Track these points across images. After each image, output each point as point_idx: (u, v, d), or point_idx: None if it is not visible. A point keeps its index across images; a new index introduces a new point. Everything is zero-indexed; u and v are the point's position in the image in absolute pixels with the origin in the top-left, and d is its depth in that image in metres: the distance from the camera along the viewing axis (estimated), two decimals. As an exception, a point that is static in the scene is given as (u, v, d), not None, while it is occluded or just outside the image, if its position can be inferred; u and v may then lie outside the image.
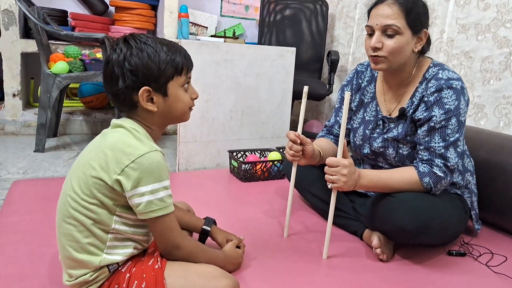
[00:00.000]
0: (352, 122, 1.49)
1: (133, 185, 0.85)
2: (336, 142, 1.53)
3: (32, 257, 1.15)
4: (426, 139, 1.24)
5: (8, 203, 1.53)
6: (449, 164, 1.21)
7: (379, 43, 1.22)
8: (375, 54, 1.23)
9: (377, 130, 1.39)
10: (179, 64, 0.93)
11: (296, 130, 1.30)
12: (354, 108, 1.47)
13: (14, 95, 2.64)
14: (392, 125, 1.35)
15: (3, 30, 2.54)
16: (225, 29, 3.20)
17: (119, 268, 0.91)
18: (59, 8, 2.83)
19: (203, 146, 2.16)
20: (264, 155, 2.18)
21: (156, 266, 0.92)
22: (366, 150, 1.42)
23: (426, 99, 1.24)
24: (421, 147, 1.25)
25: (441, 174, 1.21)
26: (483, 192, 1.47)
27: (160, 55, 0.90)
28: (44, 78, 2.27)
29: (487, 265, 1.27)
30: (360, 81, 1.46)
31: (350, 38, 2.94)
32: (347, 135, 1.52)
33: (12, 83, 2.63)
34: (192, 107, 1.01)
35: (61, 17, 2.78)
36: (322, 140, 1.50)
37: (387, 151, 1.35)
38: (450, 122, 1.21)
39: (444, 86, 1.21)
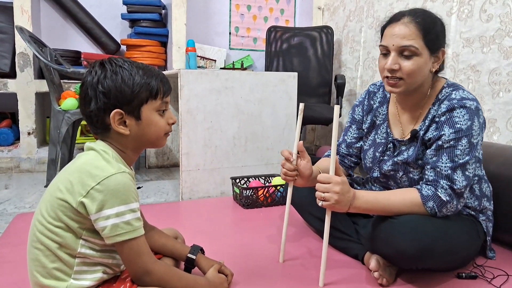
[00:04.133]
0: (363, 143, 1.42)
1: (98, 208, 0.83)
2: (341, 161, 1.47)
3: (19, 287, 1.12)
4: (433, 158, 1.15)
5: (6, 235, 1.53)
6: (455, 187, 1.11)
7: (396, 64, 1.13)
8: (392, 75, 1.15)
9: (388, 153, 1.31)
10: (154, 88, 0.92)
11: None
12: (365, 130, 1.40)
13: (29, 133, 2.74)
14: (403, 148, 1.26)
15: (18, 72, 2.67)
16: (233, 61, 3.24)
17: (87, 294, 0.87)
18: (73, 49, 2.96)
19: (207, 174, 2.13)
20: (269, 180, 2.12)
21: (125, 292, 0.87)
22: (376, 174, 1.34)
23: (437, 119, 1.16)
24: (427, 167, 1.16)
25: (446, 198, 1.11)
26: (495, 209, 1.35)
27: (134, 78, 0.90)
28: (54, 114, 2.34)
29: (501, 289, 1.15)
30: (372, 102, 1.39)
31: (357, 62, 2.91)
32: (357, 155, 1.45)
33: (27, 122, 2.73)
34: (169, 133, 0.99)
35: (74, 57, 2.90)
36: (325, 160, 1.42)
37: (397, 174, 1.26)
38: (460, 143, 1.11)
39: (456, 105, 1.12)
